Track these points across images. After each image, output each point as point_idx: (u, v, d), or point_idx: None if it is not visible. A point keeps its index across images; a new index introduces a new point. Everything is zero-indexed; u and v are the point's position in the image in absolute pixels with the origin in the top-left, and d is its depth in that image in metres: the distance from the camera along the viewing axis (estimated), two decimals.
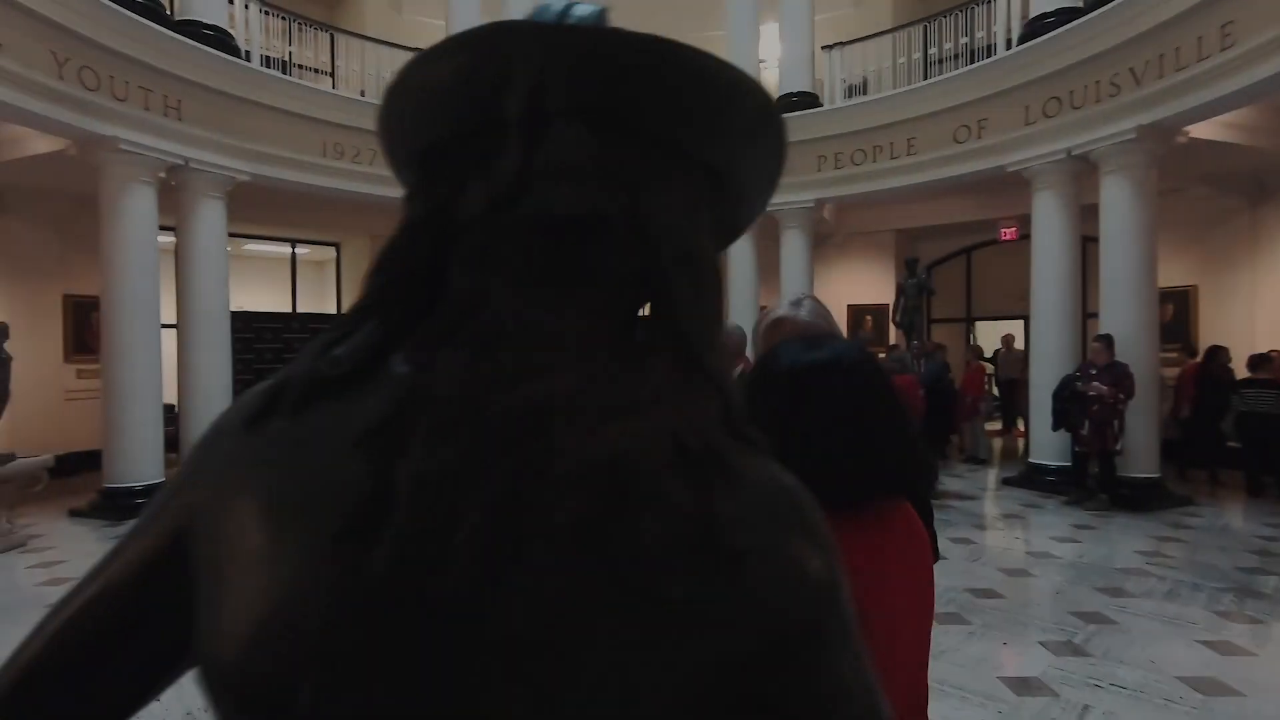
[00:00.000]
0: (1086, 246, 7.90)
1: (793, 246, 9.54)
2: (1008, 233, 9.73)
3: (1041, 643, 3.70)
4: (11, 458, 5.63)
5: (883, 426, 0.99)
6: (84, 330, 8.38)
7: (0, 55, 5.54)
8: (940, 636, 3.78)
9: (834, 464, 0.94)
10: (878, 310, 11.23)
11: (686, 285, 0.39)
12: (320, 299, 12.36)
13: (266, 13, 8.44)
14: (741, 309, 9.69)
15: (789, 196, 9.37)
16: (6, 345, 5.76)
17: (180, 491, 0.41)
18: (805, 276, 9.56)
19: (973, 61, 8.16)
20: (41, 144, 6.77)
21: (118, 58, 6.37)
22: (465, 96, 0.40)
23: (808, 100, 9.19)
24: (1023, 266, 7.92)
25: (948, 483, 7.90)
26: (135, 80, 6.59)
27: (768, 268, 10.04)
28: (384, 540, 0.32)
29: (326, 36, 9.40)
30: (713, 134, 0.42)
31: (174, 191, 7.21)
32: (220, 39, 7.27)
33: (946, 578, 4.72)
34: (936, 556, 1.62)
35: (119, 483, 6.59)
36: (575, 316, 0.38)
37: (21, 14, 5.60)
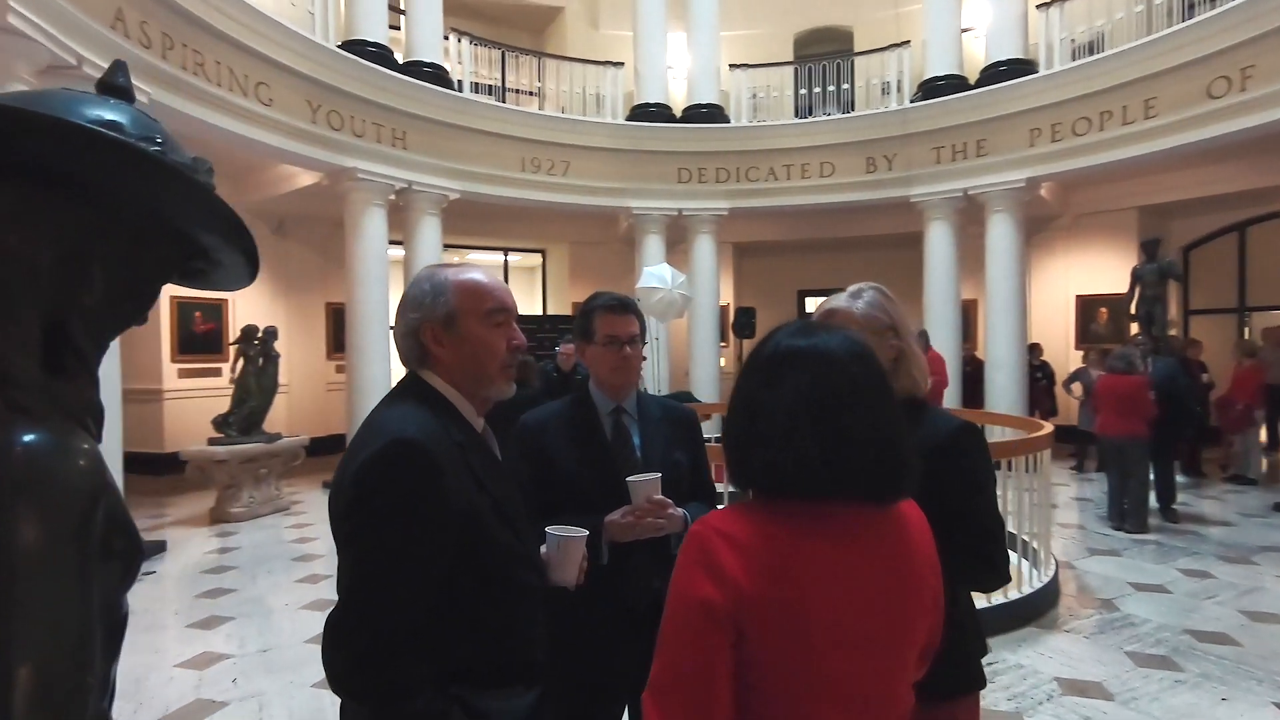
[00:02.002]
0: None
1: (1000, 231, 8.57)
2: None
3: (1278, 704, 3.00)
4: (279, 437, 6.89)
5: (854, 425, 0.92)
6: (341, 332, 9.97)
7: (273, 108, 6.83)
8: (1136, 680, 3.23)
9: (795, 455, 0.90)
10: (1115, 301, 9.72)
11: None
12: (530, 302, 13.48)
13: (476, 44, 9.42)
14: (939, 304, 8.92)
15: (991, 177, 8.45)
16: (275, 345, 7.05)
17: None
18: (1016, 265, 8.55)
19: None
20: (306, 178, 8.18)
21: (356, 100, 7.52)
22: None
23: (1019, 68, 8.22)
24: None
25: (1199, 504, 6.64)
26: (370, 118, 7.72)
27: (972, 256, 9.15)
28: None
29: (532, 60, 10.31)
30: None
31: (401, 211, 8.33)
32: (437, 75, 8.26)
33: (1161, 614, 4.00)
34: (1006, 579, 1.43)
35: None
36: None
37: (286, 73, 6.85)
